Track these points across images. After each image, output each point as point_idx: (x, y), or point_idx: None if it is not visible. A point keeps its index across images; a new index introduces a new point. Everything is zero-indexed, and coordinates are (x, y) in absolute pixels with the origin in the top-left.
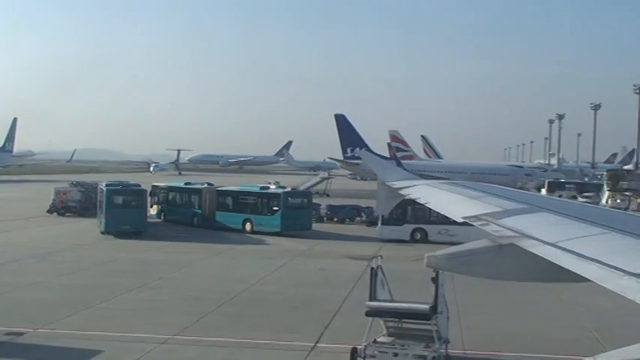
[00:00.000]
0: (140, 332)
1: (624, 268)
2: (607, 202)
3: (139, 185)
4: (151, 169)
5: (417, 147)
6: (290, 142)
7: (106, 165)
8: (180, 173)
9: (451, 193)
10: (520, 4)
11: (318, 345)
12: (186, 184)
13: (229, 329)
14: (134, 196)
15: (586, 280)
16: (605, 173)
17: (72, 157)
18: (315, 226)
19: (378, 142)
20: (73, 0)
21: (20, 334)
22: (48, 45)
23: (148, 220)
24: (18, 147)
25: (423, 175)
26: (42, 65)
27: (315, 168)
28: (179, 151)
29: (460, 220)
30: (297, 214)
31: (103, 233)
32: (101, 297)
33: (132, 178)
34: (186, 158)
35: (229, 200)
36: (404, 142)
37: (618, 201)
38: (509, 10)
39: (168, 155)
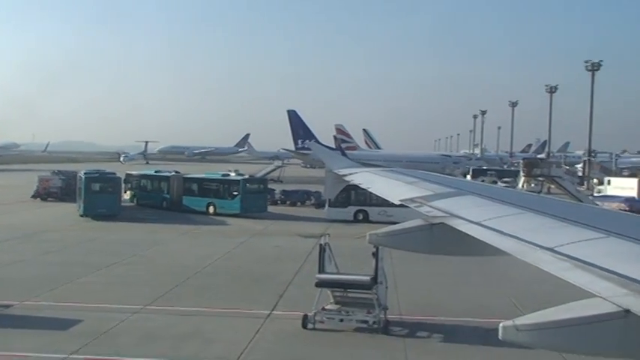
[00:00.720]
0: (115, 303)
1: (539, 243)
2: (523, 186)
3: (114, 173)
4: (121, 159)
5: (359, 139)
6: (248, 135)
7: (80, 156)
8: (147, 162)
9: (389, 179)
10: (451, 10)
11: (274, 312)
12: (156, 172)
13: (196, 299)
14: (110, 182)
15: (506, 254)
16: (521, 161)
17: (46, 148)
18: (271, 208)
19: (325, 134)
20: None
21: (8, 306)
22: (35, 43)
23: (122, 204)
24: (4, 140)
25: (365, 163)
26: (29, 64)
27: (274, 158)
28: (147, 142)
29: (397, 203)
30: (254, 198)
31: (81, 216)
32: (80, 272)
33: (105, 167)
34: (156, 149)
35: (194, 186)
36: (348, 135)
37: (533, 185)
38: (444, 16)
39: (138, 146)
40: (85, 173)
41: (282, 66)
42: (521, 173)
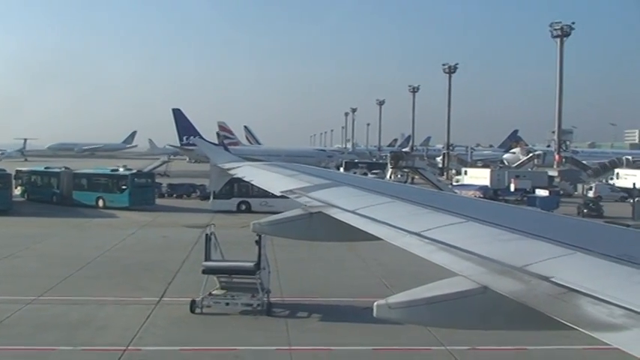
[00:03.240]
0: (9, 295)
1: (407, 229)
2: (391, 177)
3: (5, 170)
4: None
5: (241, 135)
6: (134, 132)
7: None
8: (26, 160)
9: (270, 172)
10: (320, 12)
11: (163, 299)
12: (46, 168)
13: (89, 289)
14: (0, 179)
15: (378, 239)
16: (388, 155)
17: None
18: (158, 201)
19: (208, 131)
20: None
21: None
22: None
23: (14, 199)
24: None
25: (247, 158)
26: None
27: (174, 153)
28: (25, 140)
29: (278, 194)
30: (142, 192)
31: None
32: None
33: None
34: (46, 146)
35: (84, 181)
36: (230, 131)
37: (399, 176)
38: (325, 21)
39: (17, 144)
40: None
41: (166, 66)
42: (389, 165)
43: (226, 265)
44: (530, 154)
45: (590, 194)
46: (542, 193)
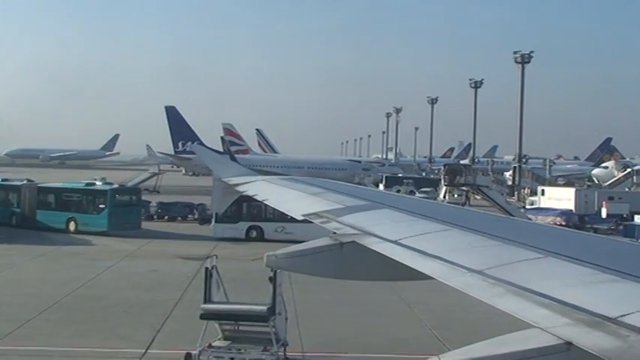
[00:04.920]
0: None
1: (466, 265)
2: (445, 197)
3: None
4: None
5: (252, 141)
6: (117, 136)
7: None
8: None
9: (290, 189)
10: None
11: (150, 351)
12: (3, 180)
13: (54, 337)
14: None
15: (428, 277)
16: (442, 168)
17: None
18: (145, 224)
19: (211, 135)
20: None
21: None
22: None
23: None
24: None
25: (259, 170)
26: None
27: (168, 163)
28: None
29: (300, 218)
30: (125, 212)
31: None
32: None
33: None
34: (3, 153)
35: (51, 198)
36: (238, 136)
37: (455, 196)
38: (345, 2)
39: None
40: None
41: (157, 55)
42: (442, 182)
43: (231, 309)
44: (628, 170)
45: None
46: None
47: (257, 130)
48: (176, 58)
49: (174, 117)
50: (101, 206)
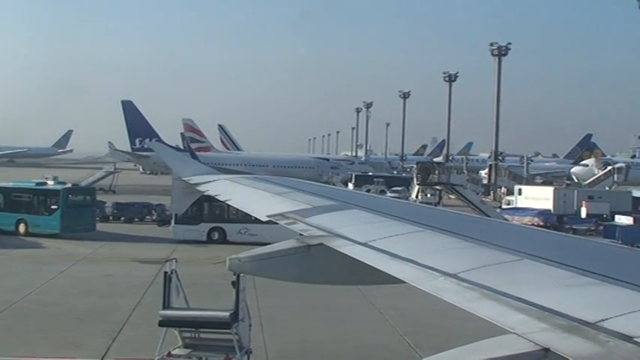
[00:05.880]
0: None
1: (440, 268)
2: (417, 197)
3: None
4: None
5: (213, 137)
6: (70, 132)
7: None
8: None
9: (254, 188)
10: None
11: None
12: None
13: (2, 346)
14: None
15: (400, 281)
16: (414, 166)
17: None
18: (100, 226)
19: (170, 131)
20: None
21: None
22: None
23: None
24: None
25: (221, 168)
26: None
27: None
28: None
29: (265, 219)
30: (78, 213)
31: None
32: None
33: None
34: None
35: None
36: (199, 132)
37: (429, 196)
38: None
39: None
40: None
41: (113, 48)
42: (415, 181)
43: (192, 315)
44: (609, 168)
45: None
46: (624, 220)
47: (219, 125)
48: (134, 51)
49: (131, 112)
50: (53, 207)
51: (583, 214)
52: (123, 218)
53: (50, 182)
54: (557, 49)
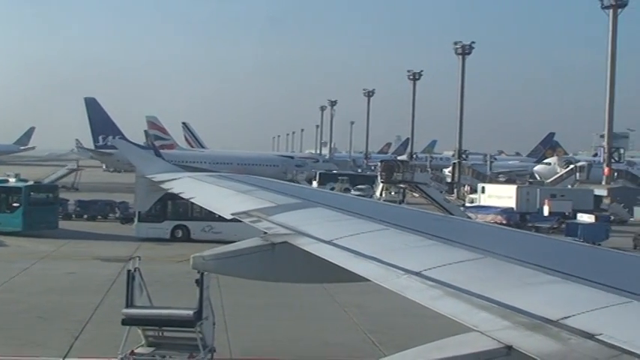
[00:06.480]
0: None
1: (403, 266)
2: (381, 194)
3: None
4: None
5: (177, 135)
6: (32, 129)
7: None
8: None
9: (218, 186)
10: None
11: (67, 359)
12: None
13: None
14: None
15: (364, 279)
16: (378, 164)
17: None
18: (63, 224)
19: (134, 129)
20: None
21: None
22: None
23: None
24: None
25: (185, 166)
26: None
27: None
28: None
29: (229, 217)
30: (41, 211)
31: None
32: None
33: None
34: None
35: None
36: (163, 130)
37: (393, 194)
38: None
39: None
40: None
41: (75, 44)
42: (379, 179)
43: (155, 314)
44: (571, 166)
45: None
46: (586, 218)
47: (183, 123)
48: (97, 47)
49: (94, 109)
50: (15, 204)
51: (545, 213)
52: (86, 216)
53: (12, 180)
54: (521, 48)
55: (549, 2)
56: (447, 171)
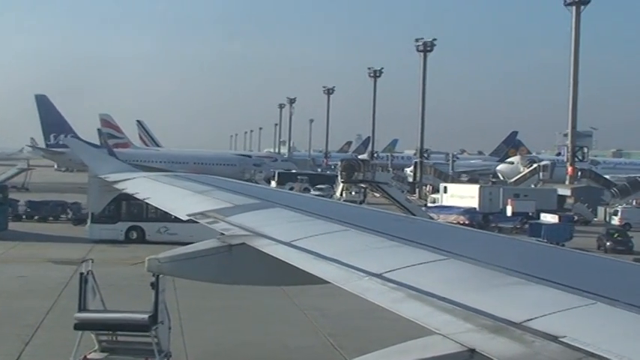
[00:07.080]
0: None
1: (364, 268)
2: (341, 195)
3: None
4: None
5: (132, 133)
6: None
7: None
8: None
9: (174, 186)
10: None
11: None
12: None
13: None
14: None
15: (324, 281)
16: (338, 163)
17: None
18: (12, 225)
19: (86, 127)
20: None
21: None
22: None
23: None
24: None
25: (140, 165)
26: None
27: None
28: None
29: (185, 218)
30: None
31: None
32: None
33: None
34: None
35: None
36: (117, 128)
37: (353, 194)
38: None
39: None
40: None
41: (26, 39)
42: (339, 179)
43: (109, 318)
44: (534, 166)
45: (615, 221)
46: (549, 218)
47: (138, 121)
48: (48, 42)
49: (45, 107)
50: None
51: (509, 213)
52: (36, 217)
53: None
54: (483, 47)
55: (512, 0)
56: (408, 170)
